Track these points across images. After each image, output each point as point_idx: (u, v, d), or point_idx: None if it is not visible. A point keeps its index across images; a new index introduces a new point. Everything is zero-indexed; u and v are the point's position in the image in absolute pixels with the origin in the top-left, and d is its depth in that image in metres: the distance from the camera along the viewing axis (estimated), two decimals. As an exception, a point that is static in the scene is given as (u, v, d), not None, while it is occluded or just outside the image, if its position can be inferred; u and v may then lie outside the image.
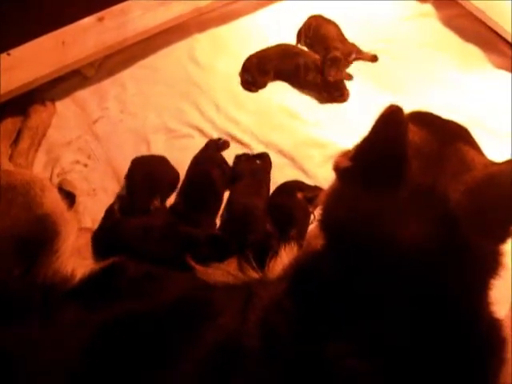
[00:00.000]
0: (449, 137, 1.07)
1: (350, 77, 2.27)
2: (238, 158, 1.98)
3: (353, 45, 2.33)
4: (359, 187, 1.04)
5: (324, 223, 1.14)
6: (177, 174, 1.90)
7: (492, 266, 1.02)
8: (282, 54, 2.26)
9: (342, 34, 2.35)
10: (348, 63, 2.29)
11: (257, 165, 1.94)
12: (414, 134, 1.04)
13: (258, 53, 2.27)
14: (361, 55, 2.34)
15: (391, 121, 0.99)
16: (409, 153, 1.00)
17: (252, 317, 1.14)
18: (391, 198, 0.99)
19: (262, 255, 1.47)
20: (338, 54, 2.16)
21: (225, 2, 2.39)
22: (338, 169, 1.07)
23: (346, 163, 1.05)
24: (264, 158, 1.96)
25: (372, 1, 2.57)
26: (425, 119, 1.13)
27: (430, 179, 0.99)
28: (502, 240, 1.00)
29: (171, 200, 1.87)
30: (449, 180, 0.98)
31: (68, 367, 1.13)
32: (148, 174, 1.82)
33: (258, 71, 2.23)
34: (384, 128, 0.99)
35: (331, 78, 2.15)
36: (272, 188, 1.90)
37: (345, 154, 1.08)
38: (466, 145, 1.07)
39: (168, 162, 1.91)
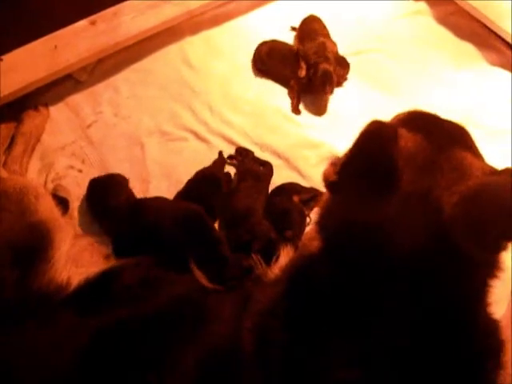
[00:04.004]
0: (445, 142, 1.04)
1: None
2: (239, 153, 1.99)
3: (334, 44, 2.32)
4: (349, 198, 1.03)
5: (320, 227, 1.13)
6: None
7: (489, 268, 1.01)
8: (286, 56, 2.26)
9: (326, 30, 2.34)
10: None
11: (260, 170, 1.94)
12: (408, 140, 1.02)
13: (268, 42, 2.29)
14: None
15: (374, 138, 0.97)
16: (400, 163, 0.97)
17: (247, 321, 1.14)
18: (384, 208, 0.98)
19: (268, 261, 1.47)
20: (327, 66, 2.14)
21: (217, 4, 2.38)
22: (326, 181, 1.06)
23: (332, 177, 1.03)
24: (267, 166, 1.96)
25: (366, -1, 2.57)
26: (420, 122, 1.09)
27: (423, 188, 0.97)
28: (496, 252, 0.98)
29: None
30: (443, 190, 0.96)
31: (65, 372, 1.13)
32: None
33: (267, 56, 2.25)
34: (368, 146, 0.98)
35: (328, 95, 2.16)
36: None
37: (333, 164, 1.05)
38: (464, 150, 1.03)
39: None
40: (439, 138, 1.04)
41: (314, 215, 1.72)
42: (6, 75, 1.95)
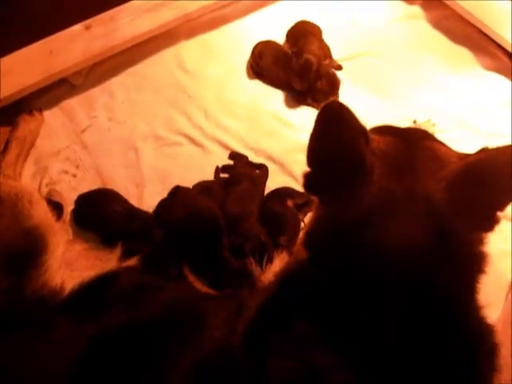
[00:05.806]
0: (414, 138, 1.08)
1: (339, 67, 2.29)
2: (233, 157, 2.00)
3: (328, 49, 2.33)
4: (326, 197, 1.05)
5: (305, 239, 1.14)
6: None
7: (478, 264, 1.01)
8: (279, 58, 2.25)
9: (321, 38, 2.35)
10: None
11: (255, 173, 1.94)
12: (379, 141, 1.05)
13: (262, 42, 2.29)
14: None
15: (332, 119, 0.99)
16: (366, 151, 0.99)
17: (240, 327, 1.14)
18: (363, 205, 0.98)
19: (260, 265, 1.47)
20: (310, 56, 2.13)
21: (214, 7, 2.37)
22: (303, 177, 1.08)
23: (306, 170, 1.04)
24: (262, 169, 1.96)
25: (360, 3, 2.57)
26: (386, 130, 1.13)
27: (407, 182, 0.98)
28: (490, 228, 1.01)
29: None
30: (427, 179, 0.98)
31: (64, 378, 1.12)
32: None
33: (259, 57, 2.26)
34: (326, 128, 0.99)
35: (298, 87, 2.16)
36: (262, 194, 1.90)
37: None
38: (434, 142, 1.08)
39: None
40: (409, 137, 1.09)
41: (307, 220, 1.73)
42: (2, 79, 1.94)
